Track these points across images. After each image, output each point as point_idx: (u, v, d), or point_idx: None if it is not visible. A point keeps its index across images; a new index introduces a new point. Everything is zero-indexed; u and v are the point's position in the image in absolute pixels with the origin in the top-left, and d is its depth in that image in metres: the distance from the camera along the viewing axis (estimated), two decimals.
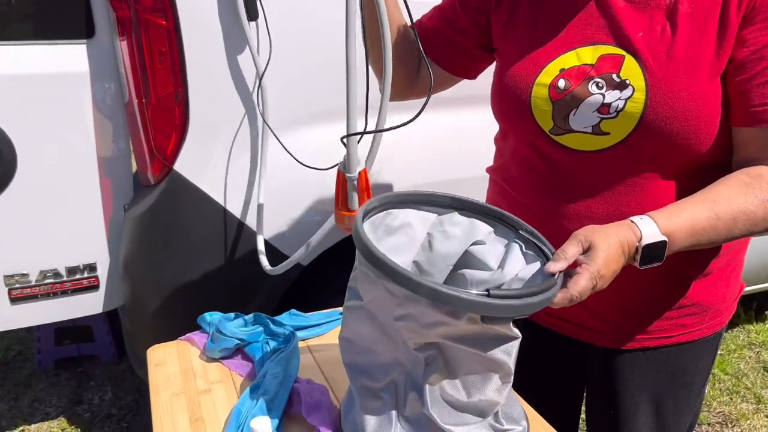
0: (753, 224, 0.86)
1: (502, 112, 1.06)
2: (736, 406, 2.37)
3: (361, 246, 0.74)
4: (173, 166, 1.47)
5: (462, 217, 0.89)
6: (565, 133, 0.96)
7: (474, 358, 0.77)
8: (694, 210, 0.85)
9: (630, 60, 0.90)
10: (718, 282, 1.05)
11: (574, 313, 1.08)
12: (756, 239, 2.24)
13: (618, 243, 0.81)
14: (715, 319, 1.07)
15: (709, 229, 0.85)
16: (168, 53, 1.39)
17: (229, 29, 1.42)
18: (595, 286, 0.79)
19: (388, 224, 0.87)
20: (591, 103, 0.92)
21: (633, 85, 0.89)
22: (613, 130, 0.92)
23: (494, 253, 0.86)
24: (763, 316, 2.96)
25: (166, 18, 1.37)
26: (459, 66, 1.17)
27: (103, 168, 1.53)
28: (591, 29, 0.95)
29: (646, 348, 1.06)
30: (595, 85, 0.92)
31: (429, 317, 0.73)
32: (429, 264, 0.89)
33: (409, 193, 0.89)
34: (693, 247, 0.87)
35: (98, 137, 1.50)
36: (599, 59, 0.93)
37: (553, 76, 0.96)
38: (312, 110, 1.56)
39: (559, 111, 0.95)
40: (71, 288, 1.58)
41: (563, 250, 0.80)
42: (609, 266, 0.80)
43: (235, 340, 1.10)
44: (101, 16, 1.45)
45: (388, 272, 0.71)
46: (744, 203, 0.85)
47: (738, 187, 0.86)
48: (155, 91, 1.42)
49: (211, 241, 1.52)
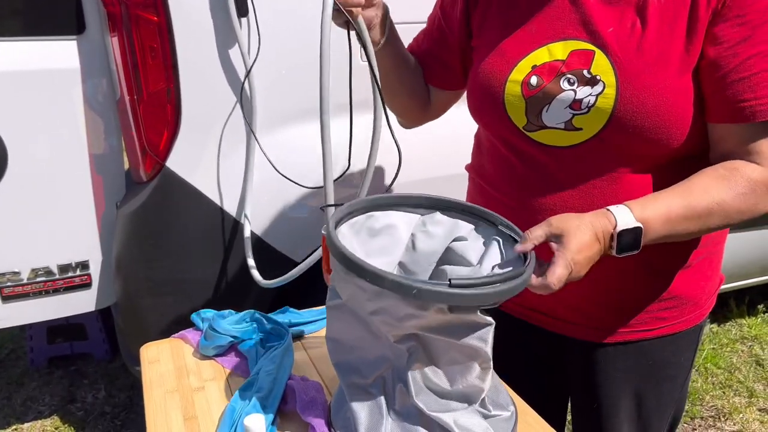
0: (727, 216, 0.87)
1: (477, 109, 1.07)
2: (728, 400, 2.39)
3: (329, 244, 0.76)
4: (165, 162, 1.46)
5: (444, 217, 0.90)
6: (539, 130, 0.97)
7: (452, 347, 0.78)
8: (669, 200, 0.86)
9: (600, 55, 0.91)
10: (697, 275, 1.06)
11: (555, 308, 1.09)
12: (749, 236, 2.26)
13: (591, 230, 0.82)
14: (695, 312, 1.07)
15: (684, 219, 0.86)
16: (159, 49, 1.38)
17: (220, 25, 1.41)
18: (571, 272, 0.80)
19: (371, 226, 0.89)
20: (563, 99, 0.93)
21: (603, 81, 0.90)
22: (585, 125, 0.93)
23: (475, 248, 0.87)
24: (756, 311, 2.98)
25: (158, 14, 1.36)
26: (461, 82, 1.18)
27: (95, 165, 1.52)
28: (561, 24, 0.95)
29: (627, 341, 1.07)
30: (567, 81, 0.93)
31: (400, 310, 0.74)
32: (413, 264, 0.90)
33: (378, 197, 0.90)
34: (669, 237, 0.87)
35: (90, 134, 1.49)
36: (570, 55, 0.93)
37: (526, 73, 0.96)
38: (303, 106, 1.55)
39: (532, 107, 0.96)
40: (63, 286, 1.57)
41: (530, 231, 0.82)
42: (582, 252, 0.81)
43: (229, 338, 1.09)
44: (91, 12, 1.44)
45: (352, 268, 0.73)
46: (719, 195, 0.86)
47: (714, 179, 0.87)
48: (147, 88, 1.41)
49: (203, 238, 1.51)
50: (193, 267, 1.51)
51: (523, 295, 1.10)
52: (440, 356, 0.80)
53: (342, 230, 0.85)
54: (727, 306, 2.98)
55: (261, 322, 1.13)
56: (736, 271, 2.42)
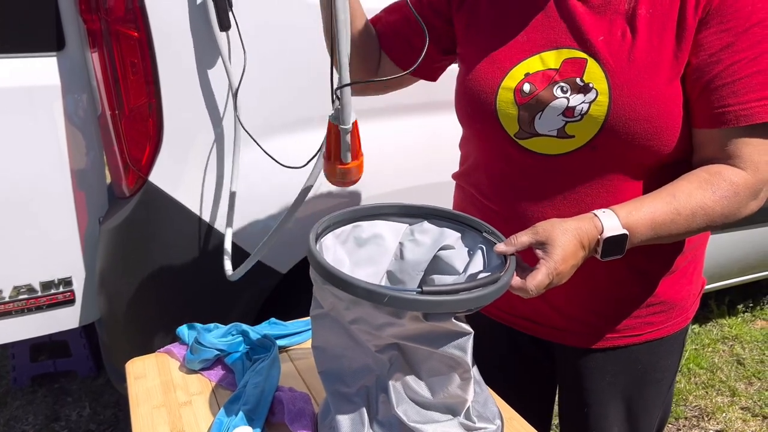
0: (711, 219, 0.89)
1: (467, 116, 1.07)
2: (711, 400, 2.42)
3: (308, 254, 0.77)
4: (148, 177, 1.46)
5: (431, 225, 0.91)
6: (531, 137, 0.98)
7: (432, 356, 0.79)
8: (654, 204, 0.87)
9: (593, 63, 0.92)
10: (682, 279, 1.07)
11: (543, 314, 1.10)
12: (728, 237, 2.30)
13: (577, 237, 0.83)
14: (681, 315, 1.09)
15: (669, 223, 0.87)
16: (140, 64, 1.39)
17: (201, 39, 1.42)
18: (551, 281, 0.81)
19: (358, 236, 0.89)
20: (556, 106, 0.94)
21: (596, 89, 0.91)
22: (578, 133, 0.94)
23: (461, 256, 0.88)
24: (735, 310, 3.03)
25: (138, 29, 1.36)
26: (419, 68, 1.14)
27: (77, 181, 1.51)
28: (553, 33, 0.96)
29: (616, 347, 1.08)
30: (560, 89, 0.94)
31: (376, 319, 0.75)
32: (401, 272, 0.91)
33: (363, 207, 0.91)
34: (653, 240, 0.89)
35: (71, 150, 1.49)
36: (563, 63, 0.94)
37: (518, 80, 0.97)
38: (286, 119, 1.56)
39: (525, 115, 0.97)
40: (46, 303, 1.56)
41: (516, 236, 0.83)
42: (567, 262, 0.82)
43: (215, 351, 1.09)
44: (71, 28, 1.43)
45: (327, 277, 0.74)
46: (703, 199, 0.87)
47: (697, 183, 0.89)
48: (128, 103, 1.41)
49: (188, 252, 1.51)
50: (178, 281, 1.51)
51: (511, 303, 1.11)
52: (421, 366, 0.80)
53: (326, 241, 0.86)
54: (708, 307, 3.03)
55: (247, 334, 1.13)
56: (716, 272, 2.46)
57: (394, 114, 1.68)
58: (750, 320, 2.99)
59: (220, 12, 1.40)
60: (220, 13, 1.40)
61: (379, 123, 1.65)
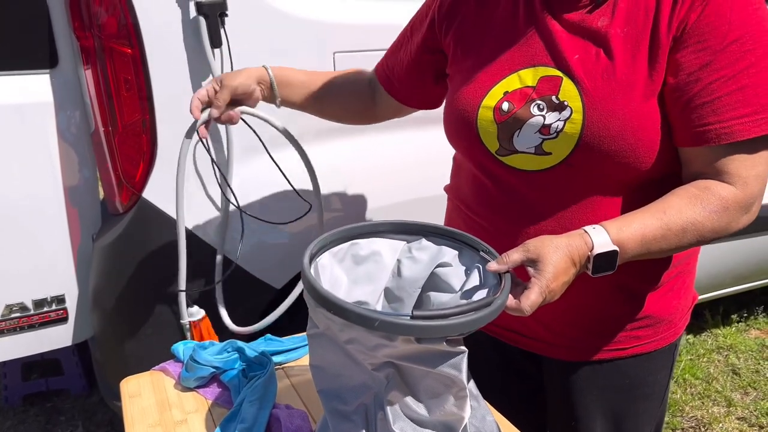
0: (701, 235, 0.89)
1: (452, 134, 1.09)
2: (707, 410, 2.42)
3: (301, 276, 0.77)
4: (142, 193, 1.45)
5: (429, 243, 0.91)
6: (511, 154, 0.99)
7: (427, 375, 0.78)
8: (644, 220, 0.87)
9: (567, 82, 0.93)
10: (669, 294, 1.08)
11: (530, 327, 1.10)
12: (721, 247, 2.31)
13: (568, 255, 0.83)
14: (669, 330, 1.09)
15: (659, 239, 0.87)
16: (134, 81, 1.39)
17: (194, 55, 1.42)
18: (545, 299, 0.81)
19: (356, 254, 0.89)
20: (533, 124, 0.95)
21: (571, 107, 0.92)
22: (555, 150, 0.95)
23: (458, 274, 0.88)
24: (730, 320, 3.03)
25: (132, 46, 1.37)
26: (415, 100, 1.25)
27: (70, 198, 1.51)
28: (531, 51, 0.98)
29: (603, 360, 1.08)
30: (537, 107, 0.95)
31: (370, 340, 0.75)
32: (399, 290, 0.91)
33: (360, 225, 0.91)
34: (644, 256, 0.89)
35: (64, 167, 1.48)
36: (539, 81, 0.96)
37: (498, 99, 0.99)
38: (276, 135, 1.56)
39: (504, 132, 0.99)
40: (39, 321, 1.55)
41: (507, 254, 0.83)
42: (558, 279, 0.82)
43: (211, 368, 1.09)
44: (64, 45, 1.44)
45: (319, 300, 0.74)
46: (693, 214, 0.87)
47: (687, 198, 0.89)
48: (122, 119, 1.41)
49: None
50: (173, 297, 1.50)
51: (501, 316, 1.12)
52: (417, 384, 0.80)
53: (322, 260, 0.86)
54: (702, 316, 3.03)
55: (243, 351, 1.12)
56: (709, 282, 2.47)
57: (390, 128, 1.69)
58: (744, 330, 3.00)
59: (212, 29, 1.40)
60: (211, 30, 1.40)
61: (376, 137, 1.65)
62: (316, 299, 0.75)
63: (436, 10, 1.12)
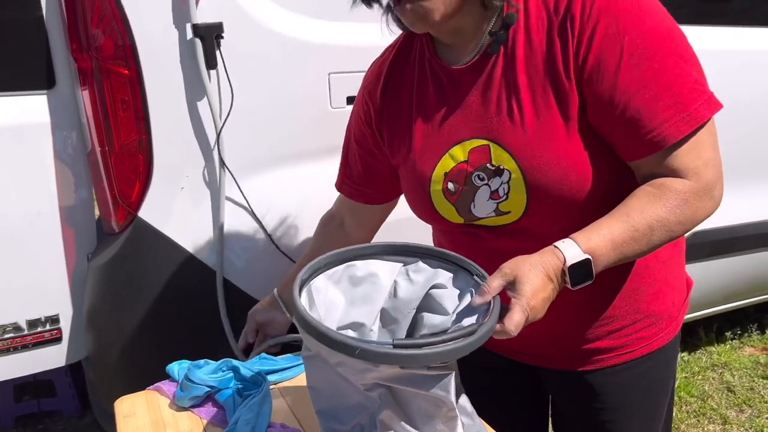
0: (669, 230, 0.91)
1: (418, 215, 1.14)
2: (703, 428, 2.42)
3: (293, 300, 0.79)
4: (138, 213, 1.46)
5: (425, 265, 0.92)
6: (477, 220, 1.03)
7: (416, 395, 0.79)
8: (611, 226, 0.89)
9: (495, 147, 0.97)
10: (664, 289, 1.10)
11: (534, 345, 1.12)
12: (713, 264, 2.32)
13: (543, 271, 0.85)
14: (671, 324, 1.12)
15: (629, 241, 0.89)
16: (131, 101, 1.40)
17: (190, 76, 1.44)
18: (527, 317, 0.83)
19: (352, 275, 0.90)
20: (481, 194, 1.00)
21: (507, 168, 0.96)
22: (511, 208, 0.99)
23: (452, 297, 0.89)
24: (723, 337, 3.04)
25: (128, 67, 1.38)
26: (388, 195, 1.26)
27: (65, 217, 1.51)
28: (454, 128, 1.02)
29: (616, 364, 1.10)
30: (477, 177, 0.99)
31: (357, 364, 0.76)
32: (394, 311, 0.92)
33: (350, 249, 0.92)
34: (620, 260, 0.91)
35: (60, 187, 1.49)
36: (470, 154, 1.00)
37: (442, 182, 1.03)
38: (275, 153, 1.57)
39: (461, 208, 1.03)
40: (32, 342, 1.54)
41: (488, 283, 0.85)
42: (537, 296, 0.84)
43: (205, 388, 1.08)
44: (62, 66, 1.45)
45: (304, 325, 0.75)
46: (655, 211, 0.89)
47: (646, 198, 0.91)
48: (118, 139, 1.42)
49: (177, 288, 1.50)
50: (167, 317, 1.50)
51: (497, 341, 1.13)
52: (408, 404, 0.81)
53: (316, 283, 0.86)
54: (696, 334, 3.04)
55: (237, 370, 1.12)
56: (703, 300, 2.48)
57: None
58: (738, 347, 3.00)
59: (208, 51, 1.42)
60: (207, 52, 1.42)
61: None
62: (302, 325, 0.76)
63: (370, 110, 1.15)
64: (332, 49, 1.57)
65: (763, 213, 2.37)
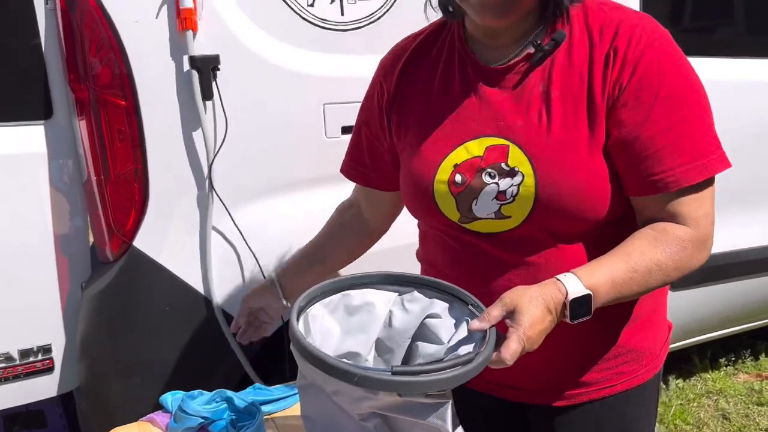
0: (666, 275, 0.93)
1: (412, 208, 1.13)
2: None
3: (290, 328, 0.79)
4: (132, 242, 1.46)
5: (421, 295, 0.93)
6: (473, 221, 1.03)
7: (413, 425, 0.79)
8: (611, 264, 0.91)
9: (514, 148, 0.98)
10: (646, 326, 1.10)
11: (513, 377, 1.10)
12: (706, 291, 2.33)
13: (543, 304, 0.86)
14: (651, 362, 1.12)
15: (628, 281, 0.91)
16: (127, 131, 1.41)
17: (186, 107, 1.45)
18: (524, 347, 0.84)
19: (348, 304, 0.91)
20: (488, 192, 0.99)
21: (522, 171, 0.97)
22: (513, 213, 0.99)
23: (447, 326, 0.89)
24: (718, 364, 3.04)
25: (126, 98, 1.40)
26: (390, 183, 1.22)
27: (60, 247, 1.51)
28: (474, 123, 1.02)
29: (593, 400, 1.09)
30: (488, 175, 0.99)
31: (354, 392, 0.76)
32: (389, 340, 0.92)
33: (346, 278, 0.92)
34: (617, 300, 0.92)
35: (55, 216, 1.49)
36: (486, 150, 1.00)
37: (449, 173, 1.03)
38: (270, 183, 1.58)
39: (463, 203, 1.02)
40: (24, 372, 1.52)
41: (487, 311, 0.86)
42: (535, 327, 0.85)
43: (199, 419, 1.08)
44: (59, 97, 1.46)
45: (303, 353, 0.76)
46: (656, 256, 0.92)
47: (647, 241, 0.93)
48: (114, 169, 1.43)
49: (171, 317, 1.50)
50: (161, 347, 1.49)
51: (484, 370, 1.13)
52: None
53: (313, 311, 0.87)
54: (691, 361, 3.03)
55: (231, 401, 1.12)
56: (696, 326, 2.48)
57: None
58: (732, 373, 3.00)
59: (204, 83, 1.44)
60: (203, 83, 1.44)
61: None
62: (300, 352, 0.76)
63: (384, 91, 1.15)
64: (327, 81, 1.59)
65: (756, 239, 2.39)
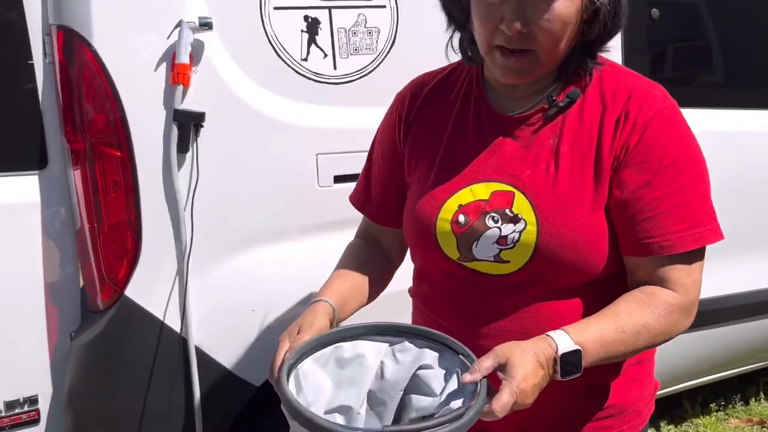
0: (653, 337, 0.95)
1: (413, 245, 1.14)
2: None
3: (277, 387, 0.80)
4: (124, 291, 1.46)
5: (411, 345, 0.93)
6: (472, 261, 1.04)
7: None
8: (600, 324, 0.93)
9: (520, 196, 1.00)
10: (631, 383, 1.10)
11: (495, 426, 1.10)
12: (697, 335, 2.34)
13: (535, 357, 0.87)
14: (635, 419, 1.11)
15: (617, 341, 0.93)
16: (122, 182, 1.43)
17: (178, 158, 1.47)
18: (516, 401, 0.84)
19: (339, 357, 0.91)
20: (489, 235, 1.01)
21: (525, 219, 0.99)
22: (513, 258, 1.00)
23: (438, 377, 0.90)
24: (708, 409, 3.03)
25: (121, 149, 1.41)
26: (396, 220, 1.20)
27: (50, 296, 1.50)
28: (483, 168, 1.05)
29: None
30: (491, 219, 1.01)
31: None
32: (381, 392, 0.92)
33: (336, 331, 0.93)
34: (605, 360, 0.94)
35: (46, 264, 1.49)
36: (492, 195, 1.02)
37: (453, 212, 1.04)
38: (262, 230, 1.59)
39: (463, 243, 1.04)
40: (9, 424, 1.49)
41: (479, 362, 0.86)
42: (528, 380, 0.85)
43: None
44: (54, 147, 1.48)
45: (292, 412, 0.76)
46: (644, 318, 0.94)
47: (636, 304, 0.95)
48: (108, 218, 1.44)
49: (162, 367, 1.49)
50: (151, 398, 1.47)
51: None
52: None
53: (304, 367, 0.87)
54: (682, 406, 3.02)
55: None
56: (686, 371, 2.48)
57: None
58: (723, 419, 2.98)
59: (182, 136, 1.45)
60: (181, 137, 1.45)
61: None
62: (290, 412, 0.77)
63: (402, 118, 1.15)
64: (320, 132, 1.62)
65: (746, 284, 2.42)
